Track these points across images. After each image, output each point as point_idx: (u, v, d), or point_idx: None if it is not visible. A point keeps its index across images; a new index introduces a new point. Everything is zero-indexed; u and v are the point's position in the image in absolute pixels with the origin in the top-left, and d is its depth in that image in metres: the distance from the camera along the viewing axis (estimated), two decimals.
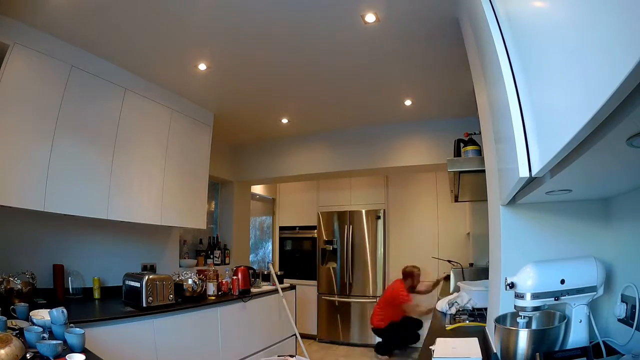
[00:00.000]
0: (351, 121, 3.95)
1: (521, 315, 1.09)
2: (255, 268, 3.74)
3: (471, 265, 3.77)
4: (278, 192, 5.93)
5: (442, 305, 2.27)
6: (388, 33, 2.30)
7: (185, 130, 3.27)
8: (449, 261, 4.11)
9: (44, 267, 2.44)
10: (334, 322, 5.11)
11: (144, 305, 2.38)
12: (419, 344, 4.36)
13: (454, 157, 2.28)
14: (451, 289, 3.19)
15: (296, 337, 3.76)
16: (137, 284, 2.42)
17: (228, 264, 4.31)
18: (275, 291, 3.61)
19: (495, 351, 1.18)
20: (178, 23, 2.21)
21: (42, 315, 1.63)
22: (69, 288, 2.58)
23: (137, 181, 2.82)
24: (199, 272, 3.19)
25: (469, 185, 2.46)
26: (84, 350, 1.40)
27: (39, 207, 2.17)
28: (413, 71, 2.85)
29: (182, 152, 3.23)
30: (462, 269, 3.43)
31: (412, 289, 4.25)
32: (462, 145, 2.22)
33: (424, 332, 3.93)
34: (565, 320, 1.07)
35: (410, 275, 4.28)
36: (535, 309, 1.07)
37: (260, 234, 5.87)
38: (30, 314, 1.67)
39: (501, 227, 1.30)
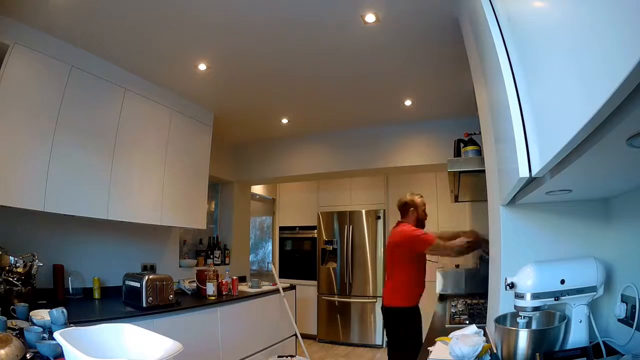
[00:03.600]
0: (351, 121, 3.95)
1: (521, 315, 1.09)
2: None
3: (457, 266, 3.55)
4: (278, 192, 5.93)
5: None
6: (388, 33, 2.30)
7: (185, 130, 3.27)
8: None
9: (44, 267, 2.44)
10: (334, 322, 5.11)
11: (144, 305, 2.38)
12: None
13: (454, 157, 2.28)
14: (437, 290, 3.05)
15: (296, 336, 3.76)
16: (137, 284, 2.42)
17: (228, 264, 4.31)
18: (275, 291, 3.61)
19: (495, 351, 1.18)
20: (178, 23, 2.21)
21: (42, 315, 1.63)
22: (69, 288, 2.58)
23: (137, 181, 2.82)
24: (199, 273, 3.20)
25: (469, 185, 2.46)
26: None
27: (39, 207, 2.17)
28: (413, 71, 2.85)
29: (182, 152, 3.23)
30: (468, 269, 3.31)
31: (421, 225, 2.78)
32: (462, 145, 2.22)
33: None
34: (565, 320, 1.07)
35: (411, 206, 2.80)
36: (535, 309, 1.07)
37: (260, 234, 5.87)
38: (30, 314, 1.67)
39: (501, 227, 1.30)
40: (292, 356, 3.58)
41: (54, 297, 2.42)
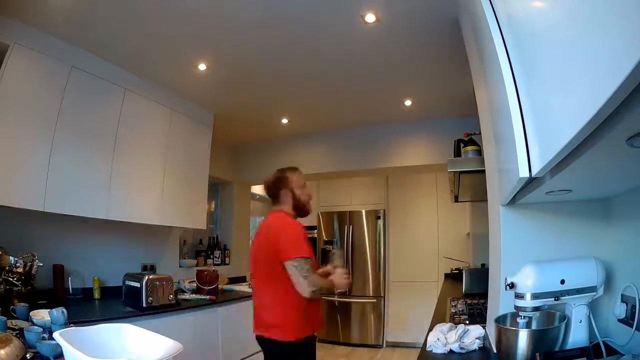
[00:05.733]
0: (351, 121, 3.95)
1: (521, 316, 1.09)
2: None
3: (483, 265, 3.25)
4: None
5: (432, 340, 1.48)
6: (388, 33, 2.30)
7: (185, 130, 3.27)
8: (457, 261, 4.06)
9: (44, 267, 2.44)
10: (334, 322, 5.11)
11: (144, 305, 2.38)
12: None
13: (454, 157, 2.28)
14: (463, 289, 2.96)
15: None
16: (137, 284, 2.42)
17: (228, 264, 4.30)
18: None
19: (495, 351, 1.18)
20: (178, 24, 2.21)
21: (42, 315, 1.63)
22: (69, 288, 2.58)
23: (137, 181, 2.82)
24: (199, 273, 3.19)
25: (469, 185, 2.46)
26: None
27: (39, 207, 2.17)
28: (413, 71, 2.85)
29: (182, 152, 3.23)
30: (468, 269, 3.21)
31: (301, 212, 2.01)
32: (462, 145, 2.22)
33: None
34: (565, 321, 1.07)
35: (281, 184, 2.00)
36: (535, 309, 1.07)
37: None
38: (30, 314, 1.67)
39: (501, 227, 1.30)
40: None
41: (54, 297, 2.42)
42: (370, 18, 2.14)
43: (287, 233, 1.82)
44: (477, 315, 2.00)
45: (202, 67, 2.73)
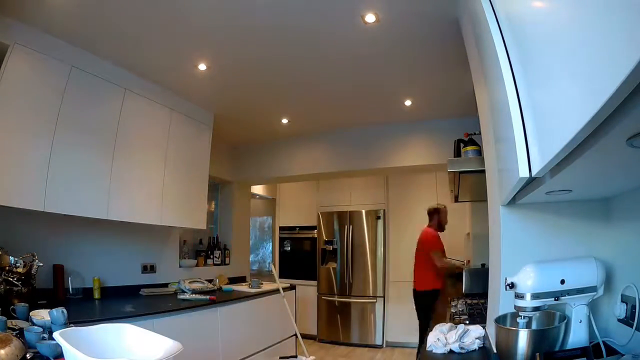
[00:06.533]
0: (351, 121, 3.95)
1: (521, 316, 1.09)
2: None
3: (483, 265, 3.22)
4: (278, 192, 5.93)
5: (432, 340, 1.50)
6: (388, 33, 2.30)
7: (185, 130, 3.27)
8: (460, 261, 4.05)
9: (44, 267, 2.44)
10: (334, 322, 5.11)
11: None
12: None
13: (454, 157, 2.28)
14: (463, 289, 2.94)
15: (296, 336, 3.76)
16: None
17: (228, 264, 4.31)
18: (275, 291, 3.61)
19: (495, 351, 1.18)
20: (178, 23, 2.21)
21: (42, 315, 1.63)
22: (69, 288, 2.58)
23: (137, 181, 2.82)
24: None
25: (469, 185, 2.46)
26: None
27: (39, 207, 2.17)
28: (413, 71, 2.85)
29: (182, 152, 3.23)
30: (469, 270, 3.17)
31: (441, 228, 3.93)
32: (462, 145, 2.23)
33: None
34: (565, 321, 1.07)
35: (435, 213, 3.95)
36: (535, 309, 1.07)
37: (260, 234, 5.87)
38: (30, 314, 1.67)
39: (501, 227, 1.30)
40: (294, 357, 3.58)
41: (54, 297, 2.42)
42: (370, 18, 2.14)
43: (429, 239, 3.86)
44: (477, 315, 2.00)
45: (202, 67, 2.73)
